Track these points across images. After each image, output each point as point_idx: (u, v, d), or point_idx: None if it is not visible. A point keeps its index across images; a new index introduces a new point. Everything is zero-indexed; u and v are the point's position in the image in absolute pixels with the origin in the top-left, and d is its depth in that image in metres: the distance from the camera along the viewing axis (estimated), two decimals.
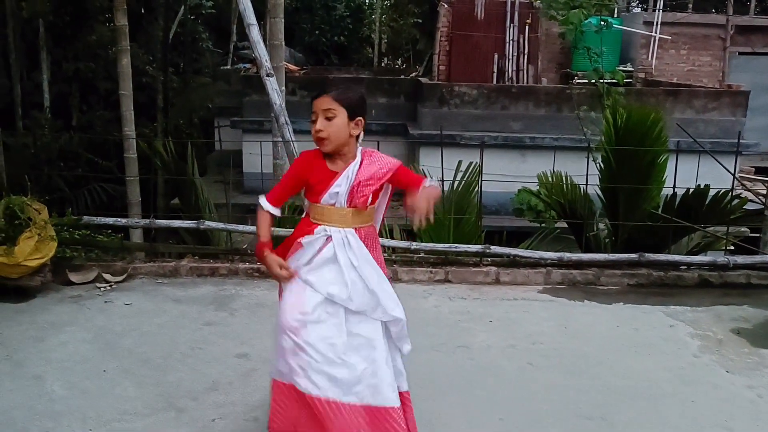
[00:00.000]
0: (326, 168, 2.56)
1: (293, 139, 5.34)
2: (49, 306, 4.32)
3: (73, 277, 4.77)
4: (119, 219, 5.50)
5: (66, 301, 4.42)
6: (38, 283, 4.52)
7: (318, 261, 2.53)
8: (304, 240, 2.58)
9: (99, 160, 11.01)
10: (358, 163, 2.55)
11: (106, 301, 4.41)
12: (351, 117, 2.50)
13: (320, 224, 2.56)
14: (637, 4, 17.82)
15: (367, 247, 2.56)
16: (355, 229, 2.56)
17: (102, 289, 4.64)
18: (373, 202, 2.59)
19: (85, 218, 5.33)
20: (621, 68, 11.69)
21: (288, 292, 2.55)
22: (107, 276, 4.82)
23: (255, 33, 5.12)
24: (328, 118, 2.48)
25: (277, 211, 2.61)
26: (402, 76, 15.42)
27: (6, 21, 10.58)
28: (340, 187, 2.52)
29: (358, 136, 2.56)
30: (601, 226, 6.22)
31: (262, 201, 2.60)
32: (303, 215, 2.75)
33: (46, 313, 4.18)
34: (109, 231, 5.61)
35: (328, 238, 2.54)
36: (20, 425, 2.92)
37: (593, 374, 3.51)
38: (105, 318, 4.12)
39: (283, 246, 2.68)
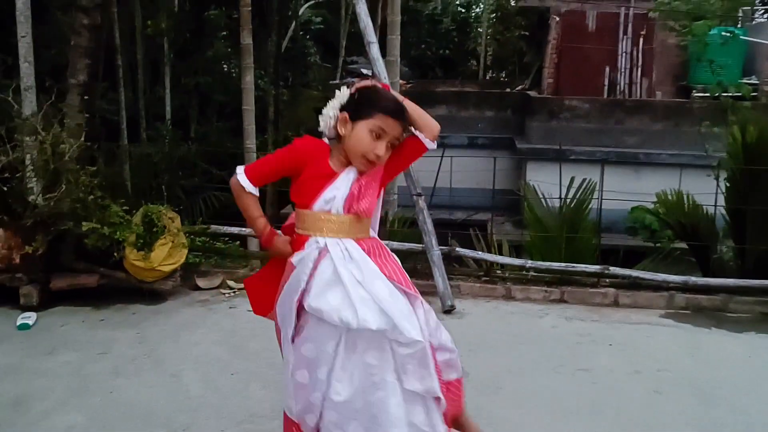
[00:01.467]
0: (327, 165, 2.25)
1: None
2: (180, 308, 4.59)
3: (201, 283, 5.05)
4: (243, 229, 5.75)
5: (195, 304, 4.69)
6: (170, 287, 4.81)
7: (319, 284, 2.17)
8: (294, 259, 2.23)
9: (214, 169, 11.57)
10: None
11: (230, 307, 4.64)
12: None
13: (311, 235, 2.23)
14: (763, 13, 16.80)
15: (373, 259, 2.22)
16: (356, 240, 2.23)
17: (226, 294, 4.88)
18: (369, 212, 2.28)
19: (212, 227, 5.62)
20: (745, 81, 11.05)
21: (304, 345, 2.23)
22: (231, 282, 5.07)
23: (375, 50, 5.23)
24: (391, 144, 2.24)
25: (255, 192, 2.25)
26: (508, 89, 15.29)
27: (134, 39, 11.35)
28: (338, 190, 2.21)
29: None
30: (725, 248, 5.90)
31: (241, 176, 2.23)
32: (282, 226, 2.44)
33: (178, 315, 4.46)
34: (227, 239, 5.88)
35: (322, 251, 2.20)
36: (162, 418, 3.12)
37: (728, 404, 3.32)
38: (232, 321, 4.33)
39: (266, 272, 2.42)
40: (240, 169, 2.26)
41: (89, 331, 4.19)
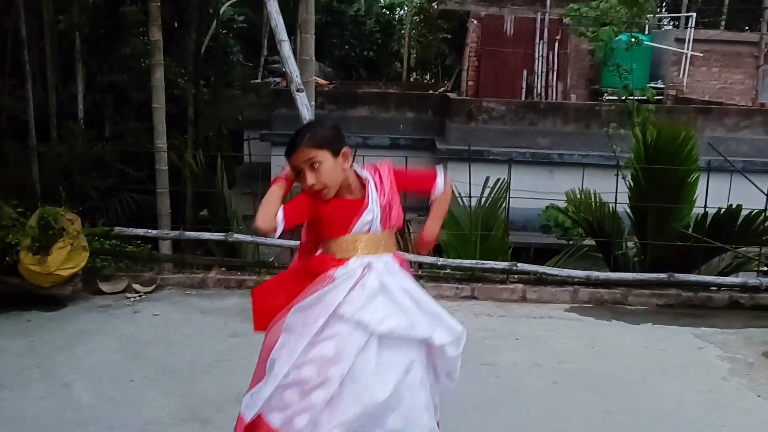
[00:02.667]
0: (344, 201, 2.29)
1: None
2: (79, 314, 4.40)
3: (104, 287, 4.86)
4: (149, 230, 5.58)
5: (95, 310, 4.50)
6: (69, 292, 4.61)
7: (367, 296, 2.21)
8: (337, 272, 2.25)
9: (130, 170, 11.21)
10: (373, 181, 2.30)
11: (135, 311, 4.48)
12: (335, 153, 2.23)
13: (351, 257, 2.26)
14: (669, 21, 17.65)
15: (405, 272, 2.35)
16: (392, 254, 2.33)
17: (131, 299, 4.72)
18: (400, 223, 2.35)
19: (117, 229, 5.43)
20: (651, 85, 11.57)
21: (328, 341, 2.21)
22: (137, 286, 4.90)
23: (286, 48, 5.18)
24: (315, 168, 2.20)
25: (279, 231, 2.22)
26: (430, 91, 15.48)
27: (43, 33, 10.85)
28: (374, 212, 2.26)
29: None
30: (630, 244, 6.15)
31: (280, 216, 2.19)
32: (301, 253, 2.44)
33: (76, 322, 4.26)
34: (138, 242, 5.70)
35: (364, 268, 2.26)
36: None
37: (621, 395, 3.45)
38: (133, 327, 4.18)
39: (276, 283, 2.41)
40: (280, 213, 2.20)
41: None
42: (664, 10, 17.00)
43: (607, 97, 12.63)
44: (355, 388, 2.15)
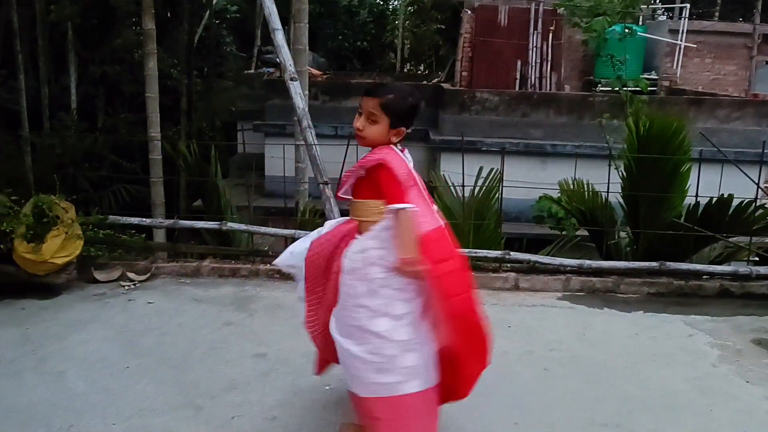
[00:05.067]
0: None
1: (316, 142, 5.39)
2: (74, 303, 4.41)
3: (98, 276, 4.86)
4: (144, 219, 5.59)
5: (90, 298, 4.51)
6: (64, 280, 4.62)
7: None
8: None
9: (123, 161, 11.18)
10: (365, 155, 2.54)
11: (129, 300, 4.49)
12: (393, 125, 2.46)
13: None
14: (663, 12, 17.66)
15: (343, 243, 2.55)
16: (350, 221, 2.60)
17: (126, 287, 4.73)
18: (357, 196, 2.55)
19: (111, 218, 5.43)
20: (645, 76, 11.61)
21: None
22: (131, 275, 4.91)
23: (280, 38, 5.17)
24: (371, 120, 2.45)
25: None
26: (424, 82, 15.46)
27: (35, 24, 10.79)
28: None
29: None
30: (622, 234, 6.19)
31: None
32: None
33: (70, 311, 4.27)
34: (133, 231, 5.70)
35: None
36: (43, 420, 2.98)
37: (610, 382, 3.49)
38: (127, 316, 4.19)
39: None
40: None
41: None
42: (657, 1, 17.00)
43: (601, 88, 12.65)
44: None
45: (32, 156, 9.83)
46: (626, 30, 8.39)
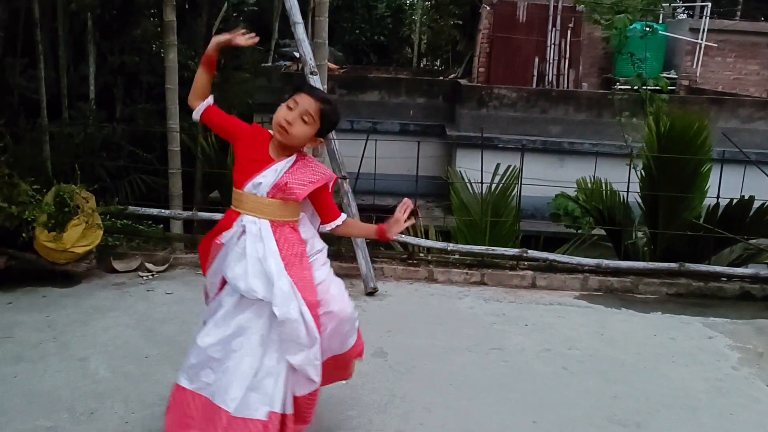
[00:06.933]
0: (266, 151, 2.50)
1: (334, 137, 5.39)
2: (94, 291, 4.45)
3: (117, 265, 4.90)
4: (162, 210, 5.61)
5: (109, 287, 4.55)
6: (84, 269, 4.66)
7: (233, 258, 2.49)
8: (223, 238, 2.53)
9: (140, 151, 11.24)
10: (291, 162, 2.49)
11: (148, 290, 4.53)
12: (318, 134, 2.50)
13: (240, 213, 2.51)
14: (683, 10, 17.48)
15: (278, 244, 2.47)
16: (271, 222, 2.48)
17: (144, 277, 4.76)
18: (297, 199, 2.51)
19: (130, 208, 5.46)
20: (665, 75, 11.51)
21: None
22: (149, 265, 4.95)
23: (301, 31, 5.18)
24: (303, 120, 2.44)
25: (198, 106, 2.58)
26: (441, 77, 15.41)
27: (55, 14, 10.85)
28: (265, 178, 2.46)
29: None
30: (640, 234, 6.15)
31: (203, 105, 2.57)
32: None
33: (91, 299, 4.31)
34: (150, 222, 5.73)
35: (243, 230, 2.49)
36: (66, 404, 3.02)
37: (629, 381, 3.48)
38: (147, 305, 4.23)
39: (203, 245, 2.63)
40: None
41: None
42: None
43: (620, 86, 12.55)
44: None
45: (50, 145, 9.90)
46: (647, 28, 8.30)
